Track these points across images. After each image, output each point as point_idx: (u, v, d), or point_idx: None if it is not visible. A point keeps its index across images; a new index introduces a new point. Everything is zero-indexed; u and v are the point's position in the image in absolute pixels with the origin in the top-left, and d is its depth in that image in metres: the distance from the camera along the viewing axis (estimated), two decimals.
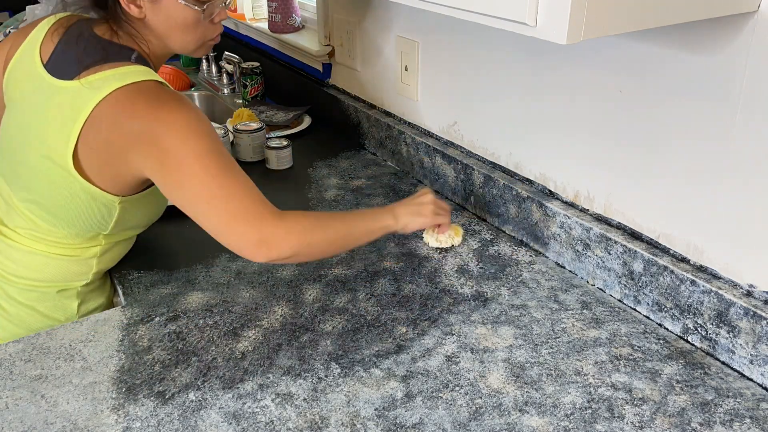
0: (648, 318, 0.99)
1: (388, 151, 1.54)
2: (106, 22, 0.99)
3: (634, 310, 1.01)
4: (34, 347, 0.95)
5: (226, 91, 2.15)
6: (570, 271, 1.11)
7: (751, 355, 0.85)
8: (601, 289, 1.06)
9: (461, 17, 0.73)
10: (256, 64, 1.98)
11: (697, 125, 0.88)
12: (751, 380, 0.86)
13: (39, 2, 1.74)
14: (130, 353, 0.93)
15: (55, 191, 0.98)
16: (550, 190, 1.15)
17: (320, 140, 1.71)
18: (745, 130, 0.82)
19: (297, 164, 1.56)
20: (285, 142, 1.53)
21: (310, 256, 0.98)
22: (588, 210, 1.08)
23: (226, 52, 2.13)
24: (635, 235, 1.01)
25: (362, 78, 1.64)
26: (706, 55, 0.84)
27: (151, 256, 1.18)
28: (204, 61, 2.30)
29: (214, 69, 2.27)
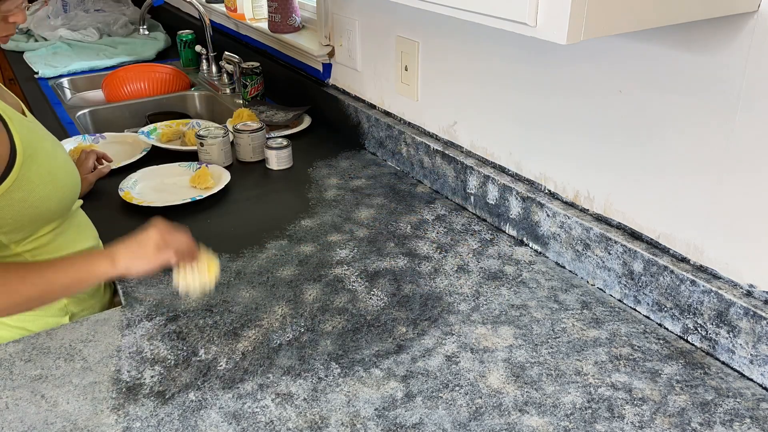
0: (648, 318, 0.99)
1: (388, 151, 1.54)
2: None
3: (634, 310, 1.01)
4: (34, 347, 0.95)
5: (227, 91, 2.15)
6: (570, 271, 1.11)
7: (751, 355, 0.85)
8: (601, 289, 1.06)
9: (461, 17, 0.73)
10: (256, 64, 1.98)
11: (697, 125, 0.88)
12: (751, 380, 0.86)
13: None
14: (130, 353, 0.93)
15: None
16: (550, 190, 1.15)
17: (320, 140, 1.71)
18: (745, 130, 0.82)
19: (297, 164, 1.56)
20: (285, 142, 1.53)
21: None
22: (588, 210, 1.08)
23: (226, 52, 2.13)
24: (635, 235, 1.01)
25: (362, 78, 1.64)
26: (706, 55, 0.84)
27: None
28: (204, 61, 2.30)
29: (214, 69, 2.26)
